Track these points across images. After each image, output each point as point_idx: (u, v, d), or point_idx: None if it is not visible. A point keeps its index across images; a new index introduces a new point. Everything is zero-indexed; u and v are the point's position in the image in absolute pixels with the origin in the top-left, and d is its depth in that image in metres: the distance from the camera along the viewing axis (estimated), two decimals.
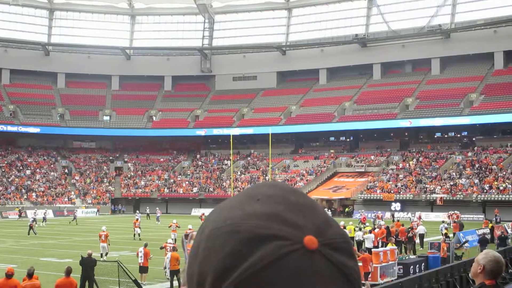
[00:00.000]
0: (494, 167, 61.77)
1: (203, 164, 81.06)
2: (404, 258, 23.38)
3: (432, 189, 60.89)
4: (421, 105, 72.42)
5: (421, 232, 31.42)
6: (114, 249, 29.06)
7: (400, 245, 28.37)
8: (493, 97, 68.41)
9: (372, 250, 22.16)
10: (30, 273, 13.46)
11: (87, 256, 18.21)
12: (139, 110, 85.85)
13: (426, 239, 30.93)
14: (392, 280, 18.84)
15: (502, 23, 73.34)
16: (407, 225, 32.19)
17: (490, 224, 36.09)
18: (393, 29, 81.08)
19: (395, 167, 68.21)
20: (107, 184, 77.20)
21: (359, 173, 69.11)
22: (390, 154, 72.24)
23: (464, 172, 62.85)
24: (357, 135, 77.93)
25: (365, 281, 18.77)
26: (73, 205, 68.62)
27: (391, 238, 25.23)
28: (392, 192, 62.31)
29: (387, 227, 30.03)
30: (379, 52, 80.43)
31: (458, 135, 73.79)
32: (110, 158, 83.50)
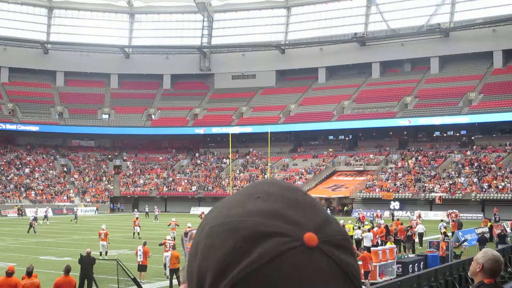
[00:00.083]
0: (493, 166, 61.80)
1: (202, 163, 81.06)
2: (403, 257, 23.41)
3: (431, 188, 60.91)
4: (420, 104, 72.40)
5: (420, 231, 31.40)
6: (113, 248, 29.06)
7: (399, 244, 28.41)
8: (492, 96, 68.40)
9: (371, 249, 22.19)
10: (30, 271, 13.46)
11: (86, 255, 18.19)
12: (138, 109, 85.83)
13: (425, 238, 30.95)
14: (391, 279, 18.86)
15: (501, 22, 73.31)
16: (406, 224, 32.19)
17: (489, 223, 36.09)
18: (392, 28, 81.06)
19: (394, 166, 68.22)
20: (106, 183, 77.17)
21: (358, 172, 69.14)
22: (389, 153, 72.25)
23: (463, 171, 62.87)
24: (356, 134, 77.93)
25: (365, 280, 18.80)
26: (72, 204, 68.62)
27: (390, 237, 25.26)
28: (391, 191, 62.33)
29: (386, 226, 30.06)
30: (378, 51, 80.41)
31: (457, 134, 73.78)
32: (109, 157, 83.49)
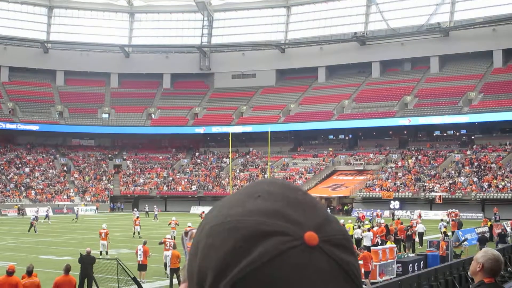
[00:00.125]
0: (493, 166, 61.79)
1: (202, 162, 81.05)
2: (403, 256, 23.40)
3: (431, 188, 60.91)
4: (420, 103, 72.37)
5: (421, 231, 31.39)
6: (113, 247, 29.06)
7: (399, 243, 28.40)
8: (492, 96, 68.38)
9: (371, 248, 22.18)
10: (30, 271, 13.47)
11: (86, 254, 18.18)
12: (138, 108, 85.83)
13: (425, 238, 30.95)
14: (391, 278, 18.86)
15: (501, 21, 73.27)
16: (407, 223, 32.19)
17: (489, 223, 36.08)
18: (392, 27, 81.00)
19: (394, 165, 68.21)
20: (106, 182, 77.17)
21: (358, 171, 69.13)
22: (389, 153, 72.23)
23: (463, 171, 62.86)
24: (356, 133, 77.92)
25: (366, 280, 18.78)
26: (72, 203, 68.61)
27: (390, 236, 25.26)
28: (391, 191, 62.32)
29: (386, 225, 30.04)
30: (378, 50, 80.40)
31: (457, 134, 73.75)
32: (109, 156, 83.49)
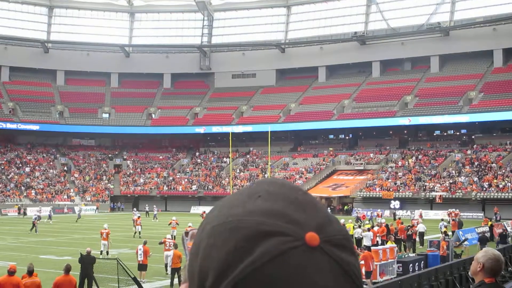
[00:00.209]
0: (494, 165, 61.76)
1: (202, 162, 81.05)
2: (404, 256, 23.40)
3: (432, 187, 60.89)
4: (420, 103, 72.36)
5: (421, 230, 31.37)
6: (114, 247, 29.05)
7: (400, 243, 28.39)
8: (493, 95, 68.36)
9: (372, 248, 22.17)
10: (30, 270, 13.46)
11: (87, 254, 18.18)
12: (138, 108, 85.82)
13: (425, 237, 30.94)
14: (392, 278, 18.86)
15: (502, 21, 73.25)
16: (407, 223, 32.17)
17: (490, 222, 36.05)
18: (392, 27, 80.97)
19: (394, 165, 68.20)
20: (106, 182, 77.17)
21: (358, 171, 69.13)
22: (389, 152, 72.21)
23: (463, 170, 62.84)
24: (356, 133, 77.91)
25: (367, 280, 18.76)
26: (72, 203, 68.62)
27: (391, 236, 25.25)
28: (391, 190, 62.30)
29: (387, 225, 30.04)
30: (378, 50, 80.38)
31: (457, 133, 73.73)
32: (109, 156, 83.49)
